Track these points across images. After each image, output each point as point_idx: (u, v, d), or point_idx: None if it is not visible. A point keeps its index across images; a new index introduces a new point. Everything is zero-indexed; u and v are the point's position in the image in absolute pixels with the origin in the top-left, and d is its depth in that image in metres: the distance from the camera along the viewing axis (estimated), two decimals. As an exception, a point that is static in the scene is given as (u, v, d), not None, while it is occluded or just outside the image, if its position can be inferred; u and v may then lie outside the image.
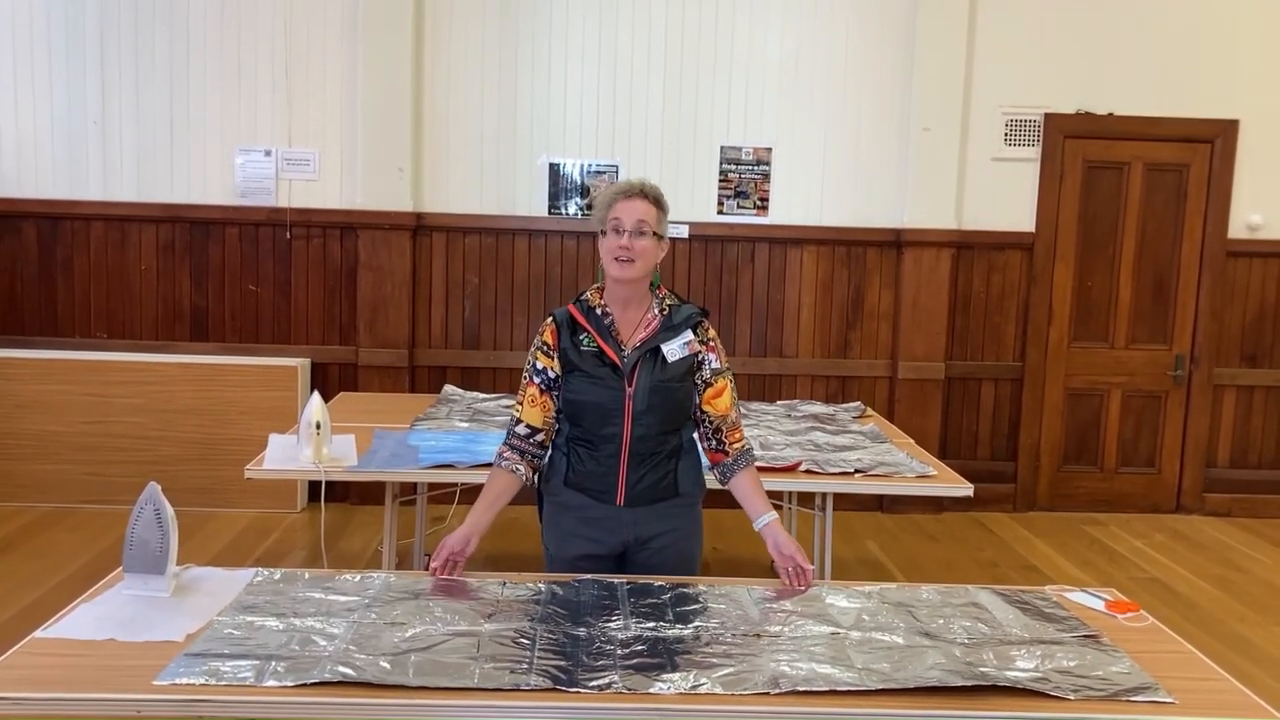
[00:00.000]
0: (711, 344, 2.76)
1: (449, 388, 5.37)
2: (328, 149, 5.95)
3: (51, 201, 5.92)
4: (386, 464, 3.77)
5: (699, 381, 2.74)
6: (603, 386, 2.66)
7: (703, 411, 2.75)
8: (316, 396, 3.77)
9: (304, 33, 5.88)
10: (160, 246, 5.99)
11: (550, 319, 2.76)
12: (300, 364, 5.86)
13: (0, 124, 5.89)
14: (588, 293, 2.77)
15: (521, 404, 2.74)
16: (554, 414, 2.74)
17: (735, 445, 2.77)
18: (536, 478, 2.82)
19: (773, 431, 4.46)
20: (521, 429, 2.73)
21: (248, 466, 3.69)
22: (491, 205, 6.02)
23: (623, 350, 2.68)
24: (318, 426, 3.67)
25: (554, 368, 2.71)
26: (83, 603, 2.35)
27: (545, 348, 2.73)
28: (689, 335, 2.72)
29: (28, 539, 5.21)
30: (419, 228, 5.97)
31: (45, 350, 5.85)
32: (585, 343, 2.69)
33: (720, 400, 2.74)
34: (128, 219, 5.95)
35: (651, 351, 2.68)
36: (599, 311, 2.72)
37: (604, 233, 2.67)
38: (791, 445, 4.22)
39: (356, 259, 5.96)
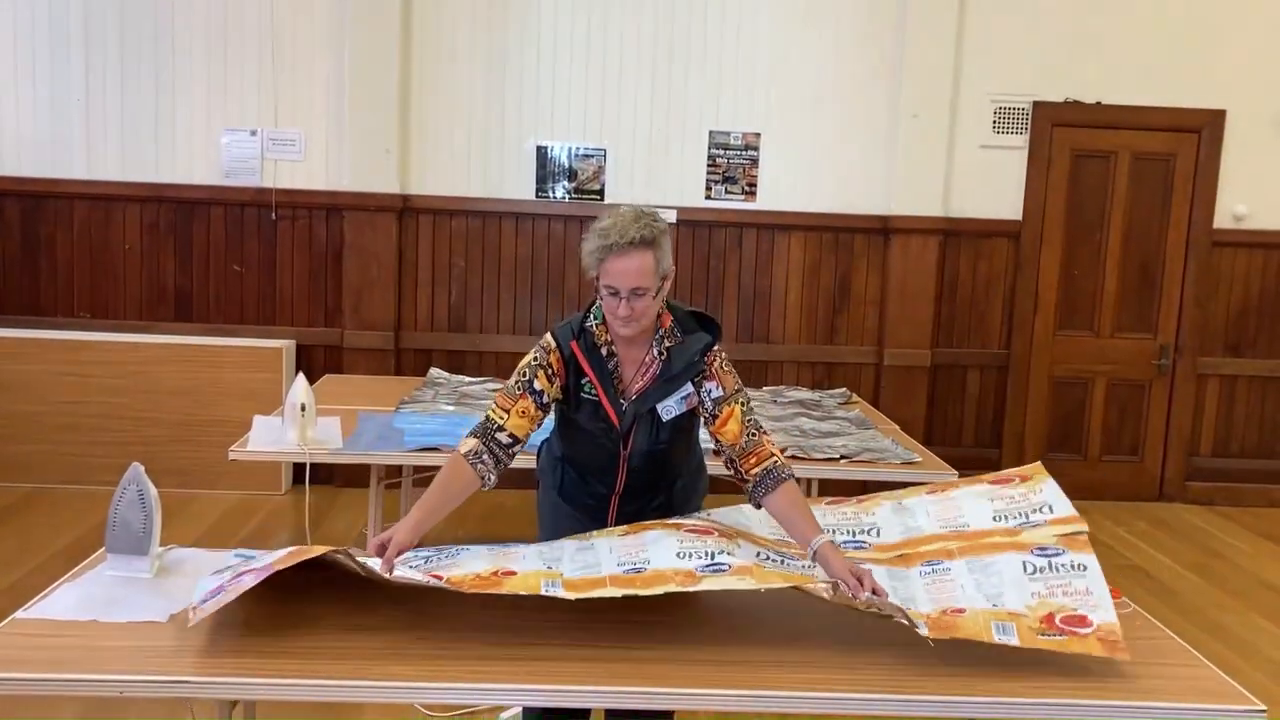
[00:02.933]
0: (710, 372, 2.51)
1: (435, 371, 5.36)
2: (314, 130, 5.91)
3: (34, 180, 5.86)
4: (371, 446, 3.77)
5: (704, 415, 2.53)
6: (597, 444, 2.54)
7: (715, 439, 2.53)
8: (301, 378, 3.76)
9: (290, 12, 5.82)
10: (144, 226, 5.94)
11: (554, 344, 2.51)
12: (285, 346, 5.83)
13: (-18, 101, 5.84)
14: (593, 324, 2.50)
15: (509, 411, 2.48)
16: (538, 425, 2.54)
17: (753, 472, 2.46)
18: (535, 455, 2.77)
19: (759, 417, 4.46)
20: (503, 437, 2.48)
21: (231, 448, 3.68)
22: (478, 188, 5.99)
23: (621, 403, 2.50)
24: (302, 408, 3.66)
25: (550, 392, 2.50)
26: (64, 583, 2.34)
27: (548, 370, 2.49)
28: (688, 389, 2.50)
29: (9, 519, 5.18)
30: (405, 210, 5.94)
31: (27, 330, 5.80)
32: (586, 389, 2.51)
33: (728, 428, 2.49)
34: (112, 198, 5.90)
35: (649, 411, 2.51)
36: (604, 351, 2.50)
37: (598, 291, 2.42)
38: (777, 431, 4.23)
39: (342, 241, 5.92)
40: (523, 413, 2.48)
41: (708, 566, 2.06)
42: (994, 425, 6.35)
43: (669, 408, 2.50)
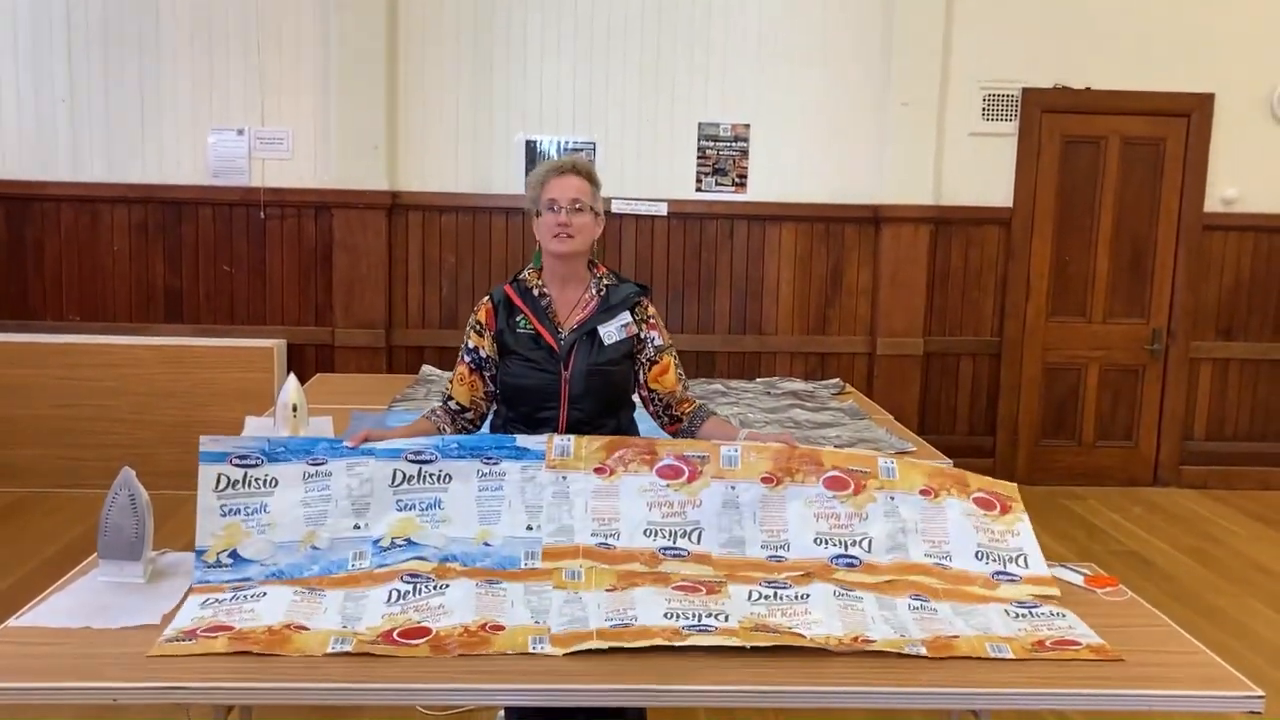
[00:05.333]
0: (652, 321, 2.76)
1: (427, 368, 5.34)
2: (301, 128, 5.88)
3: (20, 182, 5.83)
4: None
5: (643, 360, 2.74)
6: (538, 370, 2.66)
7: (650, 390, 2.75)
8: (293, 378, 3.72)
9: (276, 9, 5.79)
10: (133, 227, 5.91)
11: (487, 298, 2.76)
12: (276, 345, 5.80)
13: (-34, 103, 5.80)
14: (525, 272, 2.76)
15: (453, 380, 2.78)
16: (483, 394, 2.75)
17: (688, 411, 2.77)
18: None
19: (752, 409, 4.45)
20: (452, 404, 2.77)
21: (224, 450, 3.64)
22: (467, 183, 5.97)
23: (559, 333, 2.68)
24: (294, 408, 3.63)
25: (485, 347, 2.73)
26: (56, 590, 2.32)
27: (478, 326, 2.74)
28: (626, 317, 2.71)
29: (0, 525, 5.15)
30: (394, 206, 5.91)
31: (16, 334, 5.77)
32: (522, 324, 2.70)
33: (666, 377, 2.74)
34: (99, 200, 5.87)
35: (589, 334, 2.68)
36: (536, 293, 2.72)
37: (538, 213, 2.67)
38: (771, 423, 4.22)
39: (331, 238, 5.90)
40: (460, 379, 2.75)
41: (693, 627, 2.13)
42: (987, 413, 6.35)
43: (610, 331, 2.69)
